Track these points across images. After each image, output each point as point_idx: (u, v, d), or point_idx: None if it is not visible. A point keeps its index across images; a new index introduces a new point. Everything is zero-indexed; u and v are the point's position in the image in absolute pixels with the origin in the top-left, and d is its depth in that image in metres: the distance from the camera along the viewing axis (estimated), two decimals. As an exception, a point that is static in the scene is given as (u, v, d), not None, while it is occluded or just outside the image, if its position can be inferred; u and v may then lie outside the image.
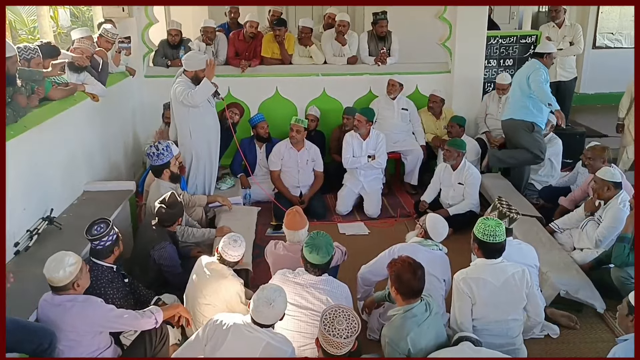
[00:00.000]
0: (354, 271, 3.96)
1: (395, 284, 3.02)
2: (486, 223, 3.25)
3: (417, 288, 3.01)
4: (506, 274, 3.23)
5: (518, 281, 3.24)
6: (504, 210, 3.77)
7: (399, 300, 3.06)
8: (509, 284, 3.22)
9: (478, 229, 3.27)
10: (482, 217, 3.41)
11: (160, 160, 4.49)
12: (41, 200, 4.06)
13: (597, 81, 9.34)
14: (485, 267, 3.27)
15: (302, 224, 3.79)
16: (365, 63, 6.87)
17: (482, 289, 3.22)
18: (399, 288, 3.01)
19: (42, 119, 4.13)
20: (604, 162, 4.88)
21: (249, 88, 6.70)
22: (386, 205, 6.09)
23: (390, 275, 3.08)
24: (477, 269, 3.30)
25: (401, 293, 3.01)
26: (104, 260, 3.38)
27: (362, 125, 5.71)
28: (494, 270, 3.24)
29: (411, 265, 3.01)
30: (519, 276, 3.24)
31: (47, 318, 2.94)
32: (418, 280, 2.99)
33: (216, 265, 3.49)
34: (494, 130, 6.65)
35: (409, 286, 2.98)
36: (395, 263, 3.08)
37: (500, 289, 3.21)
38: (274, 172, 5.96)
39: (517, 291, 3.24)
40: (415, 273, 2.99)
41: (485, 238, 3.22)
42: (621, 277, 3.98)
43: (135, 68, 6.46)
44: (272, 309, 2.74)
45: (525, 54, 7.05)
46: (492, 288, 3.21)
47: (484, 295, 3.21)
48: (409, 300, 3.01)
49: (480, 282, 3.22)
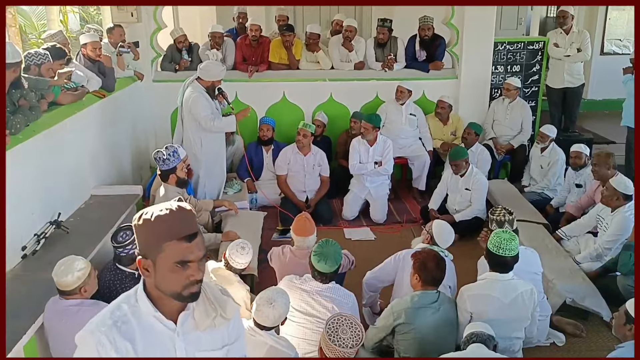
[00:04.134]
0: (359, 276, 3.97)
1: (418, 270, 3.21)
2: (500, 236, 3.24)
3: (438, 277, 3.21)
4: (515, 292, 3.23)
5: (527, 300, 3.23)
6: (499, 218, 3.75)
7: (417, 287, 3.23)
8: (517, 302, 3.22)
9: (491, 241, 3.26)
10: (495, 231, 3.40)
11: (166, 165, 4.50)
12: (49, 204, 4.09)
13: (605, 87, 9.31)
14: (495, 283, 3.26)
15: (310, 231, 3.80)
16: (372, 69, 6.88)
17: (489, 305, 3.21)
18: (421, 274, 3.20)
19: (50, 124, 4.16)
20: (609, 168, 4.86)
21: (257, 93, 6.72)
22: (392, 211, 6.09)
23: (414, 264, 3.25)
24: (487, 285, 3.29)
25: (423, 279, 3.20)
26: (127, 267, 3.42)
27: (368, 132, 5.71)
28: (504, 287, 3.23)
29: (436, 256, 3.25)
30: (528, 295, 3.24)
31: (53, 322, 2.96)
32: (440, 270, 3.21)
33: (222, 271, 3.51)
34: (500, 137, 6.64)
35: (432, 274, 3.18)
36: (422, 252, 3.31)
37: (507, 306, 3.21)
38: (280, 176, 5.97)
39: (523, 310, 3.24)
40: (438, 263, 3.21)
41: (498, 251, 3.21)
42: (627, 285, 3.96)
43: (144, 72, 6.50)
44: (273, 309, 2.75)
45: (532, 60, 7.05)
46: (500, 305, 3.20)
47: (491, 312, 3.20)
48: (426, 287, 3.21)
49: (489, 299, 3.22)
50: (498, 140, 6.63)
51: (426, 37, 6.74)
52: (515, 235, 3.30)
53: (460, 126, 6.53)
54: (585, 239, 4.77)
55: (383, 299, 4.03)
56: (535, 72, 7.10)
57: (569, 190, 5.58)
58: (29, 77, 4.14)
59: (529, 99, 7.03)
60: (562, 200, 5.64)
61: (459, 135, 6.38)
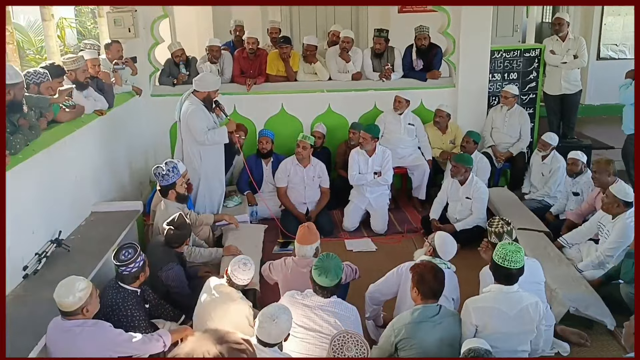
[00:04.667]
0: (361, 288, 3.96)
1: (416, 284, 3.21)
2: (506, 248, 3.23)
3: (437, 289, 3.21)
4: (521, 305, 3.20)
5: (532, 313, 3.20)
6: (498, 229, 3.75)
7: (417, 300, 3.22)
8: (522, 315, 3.19)
9: (497, 253, 3.24)
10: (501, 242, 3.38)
11: (166, 181, 4.50)
12: (50, 222, 4.08)
13: (602, 92, 9.32)
14: (500, 295, 3.23)
15: (310, 240, 3.82)
16: (369, 79, 6.89)
17: (494, 318, 3.18)
18: (420, 287, 3.19)
19: (50, 142, 4.16)
20: (610, 175, 4.86)
21: (255, 105, 6.73)
22: (393, 221, 6.08)
23: (413, 277, 3.24)
24: (492, 298, 3.26)
25: (422, 292, 3.19)
26: (130, 285, 3.42)
27: (367, 142, 5.71)
28: (509, 299, 3.21)
29: (433, 268, 3.24)
30: (533, 308, 3.21)
31: (56, 343, 2.95)
32: (438, 282, 3.20)
33: (225, 287, 3.49)
34: (499, 145, 6.65)
35: (430, 286, 3.18)
36: (419, 265, 3.31)
37: (513, 319, 3.18)
38: (280, 188, 5.97)
39: (529, 323, 3.21)
40: (436, 275, 3.20)
41: (504, 263, 3.18)
42: (630, 293, 3.95)
43: (142, 87, 6.51)
44: (275, 326, 2.74)
45: (529, 67, 7.06)
46: (505, 318, 3.18)
47: (495, 325, 3.18)
48: (426, 301, 3.20)
49: (494, 311, 3.19)
50: (497, 148, 6.63)
51: (423, 47, 6.76)
52: (521, 247, 3.28)
53: (459, 135, 6.53)
54: (587, 247, 4.76)
55: (386, 311, 4.02)
56: (532, 79, 7.11)
57: (567, 197, 5.58)
58: (30, 96, 4.15)
59: (526, 106, 7.04)
60: (562, 207, 5.64)
61: (458, 144, 6.38)
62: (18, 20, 9.94)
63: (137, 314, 3.38)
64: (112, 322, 3.12)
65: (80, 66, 5.03)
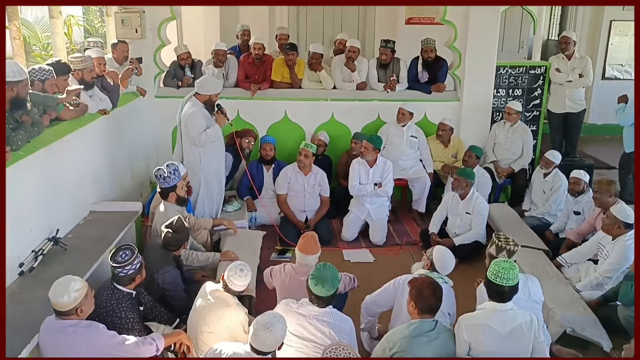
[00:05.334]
0: (357, 299, 3.94)
1: (414, 298, 3.17)
2: (499, 264, 3.19)
3: (434, 305, 3.17)
4: (514, 323, 3.15)
5: (526, 332, 3.16)
6: (501, 243, 3.73)
7: (414, 315, 3.18)
8: (515, 333, 3.15)
9: (490, 270, 3.21)
10: (495, 259, 3.36)
11: (167, 184, 4.49)
12: (48, 220, 4.07)
13: (606, 112, 9.25)
14: (494, 313, 3.19)
15: (314, 251, 3.81)
16: (374, 89, 6.89)
17: (487, 336, 3.15)
18: (417, 302, 3.15)
19: (52, 140, 4.16)
20: (611, 195, 4.85)
21: (258, 111, 6.73)
22: (392, 233, 6.06)
23: (411, 291, 3.21)
24: (484, 315, 3.22)
25: (419, 307, 3.15)
26: (125, 287, 3.40)
27: (368, 152, 5.71)
28: (502, 317, 3.17)
29: (432, 284, 3.21)
30: (527, 327, 3.16)
31: (48, 342, 2.93)
32: (437, 298, 3.16)
33: (220, 293, 3.47)
34: (502, 160, 6.64)
35: (428, 302, 3.14)
36: (418, 280, 3.28)
37: (505, 338, 3.14)
38: (280, 195, 5.96)
39: (523, 342, 3.17)
40: (434, 290, 3.17)
41: (496, 280, 3.15)
42: (628, 316, 3.93)
43: (146, 88, 6.51)
44: (270, 334, 2.72)
45: (534, 84, 7.07)
46: (498, 336, 3.15)
47: (488, 343, 3.15)
48: (423, 316, 3.16)
49: (487, 329, 3.16)
50: (499, 164, 6.62)
51: (430, 59, 6.77)
52: (515, 265, 3.25)
53: (462, 149, 6.53)
54: (585, 267, 4.74)
55: (382, 323, 4.00)
56: (536, 96, 7.11)
57: (568, 216, 5.57)
58: (37, 94, 4.15)
59: (530, 123, 7.04)
60: (562, 226, 5.62)
61: (460, 158, 6.37)
62: (25, 16, 9.96)
63: (131, 316, 3.36)
64: (106, 323, 3.10)
65: (87, 66, 5.03)
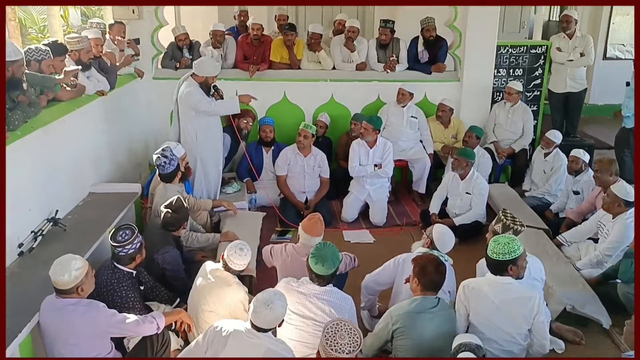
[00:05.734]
0: (357, 279, 3.95)
1: (418, 275, 3.19)
2: (498, 240, 3.21)
3: (437, 282, 3.19)
4: (509, 295, 3.16)
5: (519, 306, 3.16)
6: (508, 222, 3.74)
7: (417, 291, 3.21)
8: (507, 306, 3.16)
9: (490, 245, 3.23)
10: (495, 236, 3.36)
11: (171, 167, 4.49)
12: (46, 201, 4.06)
13: (607, 92, 9.26)
14: (492, 282, 3.23)
15: (319, 232, 3.79)
16: (374, 70, 6.85)
17: (478, 302, 3.20)
18: (420, 278, 3.18)
19: (49, 120, 4.13)
20: (612, 174, 4.83)
21: (257, 92, 6.58)
22: (392, 214, 6.06)
23: (415, 268, 3.22)
24: (483, 282, 3.28)
25: (422, 284, 3.18)
26: (125, 266, 3.41)
27: (368, 133, 5.68)
28: (499, 288, 3.19)
29: (436, 261, 3.23)
30: (522, 302, 3.16)
31: (49, 321, 2.93)
32: (440, 275, 3.18)
33: (221, 272, 3.48)
34: (502, 141, 6.61)
35: (431, 278, 3.16)
36: (421, 257, 3.30)
37: (497, 309, 3.16)
38: (280, 177, 5.94)
39: (515, 316, 3.16)
40: (438, 268, 3.19)
41: (492, 255, 3.19)
42: (628, 292, 3.94)
43: (144, 70, 6.46)
44: (270, 312, 2.73)
45: (535, 64, 7.01)
46: (490, 305, 3.17)
47: (481, 310, 3.19)
48: (425, 293, 3.18)
49: (481, 295, 3.20)
50: (499, 144, 6.60)
51: (431, 38, 6.71)
52: (515, 238, 3.25)
53: (462, 129, 6.50)
54: (585, 245, 4.74)
55: (382, 302, 4.01)
56: (537, 76, 7.06)
57: (568, 196, 5.56)
58: (35, 74, 4.12)
59: (530, 103, 7.00)
60: (562, 205, 5.61)
61: (460, 139, 6.35)
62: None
63: (131, 295, 3.37)
64: (106, 302, 3.11)
65: (84, 47, 4.99)
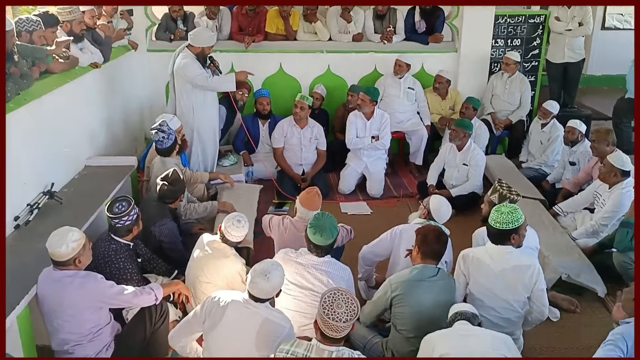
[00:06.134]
0: (355, 250, 3.96)
1: (419, 243, 3.19)
2: (500, 210, 3.21)
3: (438, 251, 3.19)
4: (507, 264, 3.17)
5: (519, 275, 3.17)
6: (504, 192, 3.74)
7: (417, 260, 3.21)
8: (506, 275, 3.17)
9: (492, 218, 3.23)
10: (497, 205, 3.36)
11: (169, 141, 4.47)
12: (42, 174, 4.03)
13: (605, 63, 9.22)
14: (490, 251, 3.25)
15: (317, 206, 3.78)
16: (370, 40, 6.77)
17: (478, 271, 3.22)
18: (421, 247, 3.18)
19: (42, 92, 4.07)
20: (609, 144, 4.82)
21: (253, 64, 6.56)
22: (389, 186, 6.06)
23: (417, 237, 3.22)
24: (482, 250, 3.31)
25: (422, 252, 3.18)
26: (122, 238, 3.41)
27: (365, 104, 5.64)
28: (497, 257, 3.20)
29: (437, 231, 3.25)
30: (521, 270, 3.17)
31: (46, 293, 2.94)
32: (441, 244, 3.19)
33: (218, 244, 3.48)
34: (499, 112, 6.58)
35: (432, 247, 3.16)
36: (423, 227, 3.32)
37: (496, 277, 3.18)
38: (277, 149, 5.92)
39: (513, 284, 3.17)
40: (439, 237, 3.19)
41: (491, 221, 3.20)
42: (623, 261, 3.97)
43: (138, 42, 6.37)
44: (267, 282, 2.73)
45: (533, 33, 6.93)
46: (489, 273, 3.19)
47: (479, 278, 3.22)
48: (426, 261, 3.18)
49: (481, 264, 3.22)
50: (496, 116, 6.57)
51: (427, 8, 6.62)
52: (517, 208, 3.25)
53: (459, 101, 6.46)
54: (581, 216, 4.76)
55: (379, 273, 4.03)
56: (535, 46, 6.99)
57: (564, 166, 5.56)
58: (26, 46, 4.06)
59: (528, 74, 6.94)
60: (559, 176, 5.62)
61: (458, 110, 6.31)
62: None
63: (129, 266, 3.38)
64: (104, 274, 3.11)
65: (75, 17, 4.89)
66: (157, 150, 4.55)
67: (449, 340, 2.70)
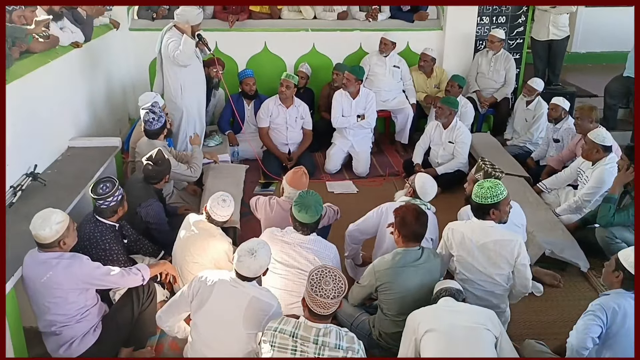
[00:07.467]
0: (341, 229, 3.98)
1: (398, 226, 3.15)
2: (482, 185, 3.24)
3: (419, 232, 3.14)
4: (488, 238, 3.19)
5: (500, 249, 3.18)
6: (489, 169, 3.75)
7: (399, 243, 3.18)
8: (487, 248, 3.20)
9: (474, 192, 3.25)
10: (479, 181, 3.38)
11: (159, 123, 4.42)
12: (24, 156, 3.98)
13: (590, 40, 9.22)
14: (473, 224, 3.29)
15: (305, 185, 3.78)
16: (355, 19, 6.73)
17: (461, 244, 3.26)
18: (401, 230, 3.13)
19: (23, 72, 4.00)
20: (592, 122, 4.86)
21: (237, 43, 6.55)
22: (375, 164, 6.08)
23: (395, 219, 3.19)
24: (465, 224, 3.35)
25: (403, 235, 3.14)
26: (108, 219, 3.38)
27: (351, 83, 5.62)
28: (479, 230, 3.23)
29: (416, 210, 3.17)
30: (502, 245, 3.18)
31: (32, 275, 2.92)
32: (420, 224, 3.13)
33: (204, 224, 3.47)
34: (484, 90, 6.60)
35: (411, 229, 3.11)
36: (402, 208, 3.23)
37: (478, 251, 3.21)
38: (262, 129, 5.89)
39: (495, 258, 3.19)
40: (418, 218, 3.12)
41: (475, 198, 3.23)
42: (605, 237, 4.03)
43: (120, 21, 6.26)
44: (254, 260, 2.74)
45: (518, 11, 6.92)
46: (472, 247, 3.22)
47: (461, 252, 3.26)
48: (407, 244, 3.14)
49: (463, 237, 3.25)
50: (482, 93, 6.59)
51: None
52: (499, 183, 3.28)
53: (444, 79, 6.47)
54: (565, 192, 4.82)
55: (365, 251, 4.06)
56: (520, 23, 6.98)
57: (548, 144, 5.60)
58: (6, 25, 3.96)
59: (513, 52, 6.94)
60: (543, 153, 5.66)
61: (443, 88, 6.32)
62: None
63: (115, 247, 3.37)
64: (90, 255, 3.10)
65: None
66: (145, 131, 4.49)
67: (434, 317, 2.74)
